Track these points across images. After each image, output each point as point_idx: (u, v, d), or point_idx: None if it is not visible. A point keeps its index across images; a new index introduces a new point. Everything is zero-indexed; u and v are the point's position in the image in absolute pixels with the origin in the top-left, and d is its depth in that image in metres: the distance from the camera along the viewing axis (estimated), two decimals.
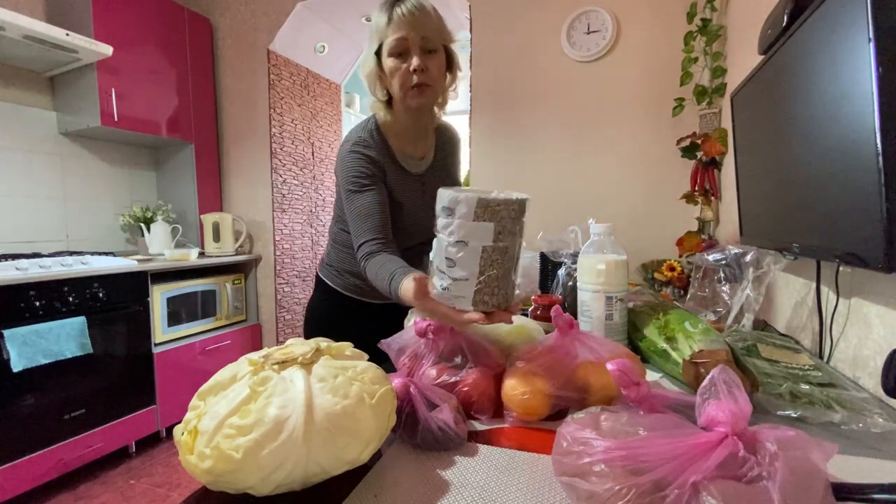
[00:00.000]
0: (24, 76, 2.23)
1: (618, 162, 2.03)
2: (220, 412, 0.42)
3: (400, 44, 0.91)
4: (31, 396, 1.74)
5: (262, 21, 2.73)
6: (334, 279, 1.15)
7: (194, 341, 2.41)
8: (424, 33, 0.91)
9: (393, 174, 1.03)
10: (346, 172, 0.99)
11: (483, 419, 0.60)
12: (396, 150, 1.04)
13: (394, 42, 0.91)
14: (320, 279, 1.19)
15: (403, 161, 1.05)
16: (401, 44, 0.91)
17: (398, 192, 1.04)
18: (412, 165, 1.07)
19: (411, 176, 1.07)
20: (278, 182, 2.88)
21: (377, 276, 0.89)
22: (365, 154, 0.99)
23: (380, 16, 0.93)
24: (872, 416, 0.55)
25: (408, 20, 0.90)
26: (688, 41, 1.71)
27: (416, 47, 0.91)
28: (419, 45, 0.91)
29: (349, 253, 1.05)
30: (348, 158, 0.99)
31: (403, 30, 0.90)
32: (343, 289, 1.14)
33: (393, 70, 0.93)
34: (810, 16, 0.71)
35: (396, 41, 0.91)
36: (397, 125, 1.04)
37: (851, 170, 0.60)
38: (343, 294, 1.14)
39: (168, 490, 1.87)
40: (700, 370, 0.64)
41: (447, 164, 1.16)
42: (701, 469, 0.32)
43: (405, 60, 0.92)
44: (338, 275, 1.15)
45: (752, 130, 1.08)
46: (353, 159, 0.98)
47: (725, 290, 0.98)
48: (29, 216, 2.25)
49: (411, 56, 0.92)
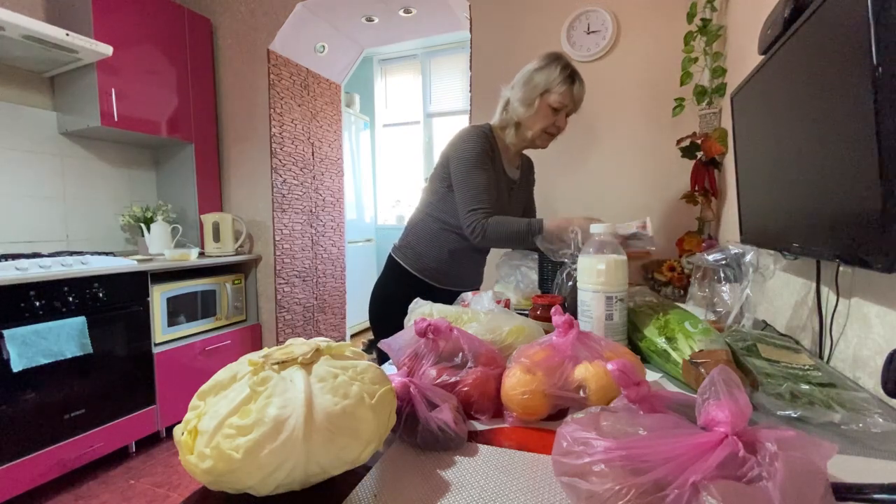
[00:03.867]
0: (24, 76, 2.23)
1: (618, 162, 2.03)
2: (221, 412, 0.42)
3: (562, 106, 1.23)
4: (32, 396, 1.74)
5: (262, 21, 2.73)
6: (412, 262, 1.33)
7: (194, 341, 2.41)
8: (575, 108, 1.27)
9: (497, 166, 1.29)
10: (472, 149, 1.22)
11: (483, 419, 0.60)
12: (502, 151, 1.32)
13: (559, 103, 1.22)
14: (395, 262, 1.36)
15: (504, 162, 1.33)
16: (562, 106, 1.23)
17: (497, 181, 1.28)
18: (509, 170, 1.35)
19: (506, 177, 1.33)
20: (278, 182, 2.88)
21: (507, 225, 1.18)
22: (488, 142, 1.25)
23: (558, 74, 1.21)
24: (872, 416, 0.55)
25: (577, 96, 1.24)
26: (688, 41, 1.71)
27: (565, 112, 1.26)
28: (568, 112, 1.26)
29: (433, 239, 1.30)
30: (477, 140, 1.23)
31: (569, 101, 1.24)
32: (417, 271, 1.32)
33: (545, 116, 1.24)
34: (810, 16, 0.71)
35: (561, 104, 1.23)
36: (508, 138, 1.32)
37: (851, 169, 0.60)
38: (414, 275, 1.32)
39: (168, 490, 1.87)
40: (700, 370, 0.64)
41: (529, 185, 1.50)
42: (701, 469, 0.32)
43: (556, 115, 1.25)
44: (417, 258, 1.33)
45: (752, 130, 1.08)
46: (481, 142, 1.23)
47: (725, 290, 0.98)
48: (29, 216, 2.25)
49: (560, 114, 1.25)
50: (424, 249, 1.31)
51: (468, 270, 1.38)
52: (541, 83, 1.22)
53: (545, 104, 1.23)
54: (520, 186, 1.40)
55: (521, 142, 1.31)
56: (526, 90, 1.24)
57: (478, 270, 1.45)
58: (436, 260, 1.31)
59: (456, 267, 1.33)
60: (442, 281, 1.33)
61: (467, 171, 1.21)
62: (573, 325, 0.62)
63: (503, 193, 1.31)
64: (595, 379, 0.57)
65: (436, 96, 4.19)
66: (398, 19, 2.97)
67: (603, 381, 0.57)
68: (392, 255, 1.38)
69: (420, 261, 1.32)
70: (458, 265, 1.33)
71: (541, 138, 1.27)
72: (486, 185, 1.21)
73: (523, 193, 1.41)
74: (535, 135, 1.26)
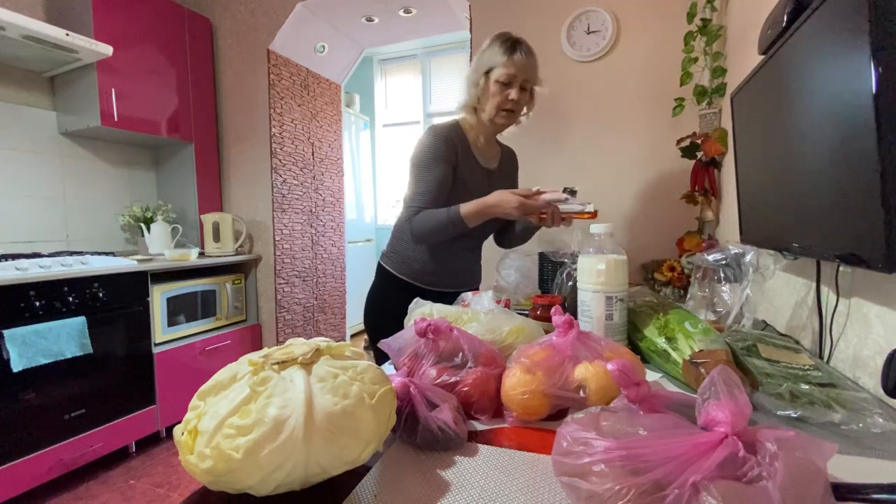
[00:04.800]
0: (24, 76, 2.23)
1: (617, 162, 2.03)
2: (221, 412, 0.42)
3: (509, 77, 1.18)
4: (31, 396, 1.74)
5: (262, 21, 2.73)
6: (397, 266, 1.32)
7: (194, 341, 2.41)
8: (527, 76, 1.21)
9: (465, 159, 1.26)
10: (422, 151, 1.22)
11: (483, 419, 0.60)
12: (472, 143, 1.29)
13: (505, 75, 1.18)
14: (382, 267, 1.35)
15: (476, 154, 1.29)
16: (509, 78, 1.19)
17: (468, 175, 1.26)
18: (483, 160, 1.31)
19: (481, 167, 1.31)
20: (278, 182, 2.88)
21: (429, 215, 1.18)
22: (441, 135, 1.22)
23: (498, 48, 1.19)
24: (872, 416, 0.55)
25: (523, 63, 1.18)
26: (688, 41, 1.71)
27: (518, 84, 1.20)
28: (520, 83, 1.20)
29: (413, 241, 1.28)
30: (430, 139, 1.21)
31: (516, 69, 1.18)
32: (404, 275, 1.31)
33: (495, 93, 1.20)
34: (810, 16, 0.71)
35: (507, 75, 1.18)
36: (476, 128, 1.29)
37: (851, 170, 0.60)
38: (403, 280, 1.30)
39: (168, 490, 1.87)
40: (700, 370, 0.64)
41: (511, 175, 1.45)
42: (701, 469, 0.32)
43: (506, 89, 1.20)
44: (399, 262, 1.31)
45: (752, 130, 1.08)
46: (435, 141, 1.21)
47: (725, 290, 0.98)
48: (29, 216, 2.25)
49: (512, 88, 1.20)
50: (408, 253, 1.30)
51: (457, 269, 1.34)
52: (484, 62, 1.21)
53: (491, 81, 1.20)
54: (500, 177, 1.36)
55: (484, 126, 1.28)
56: (473, 73, 1.24)
57: (469, 269, 1.40)
58: (419, 261, 1.29)
59: (442, 266, 1.30)
60: (431, 282, 1.31)
61: (415, 173, 1.23)
62: (573, 325, 0.62)
63: (480, 185, 1.27)
64: (595, 379, 0.57)
65: (436, 96, 4.19)
66: (398, 19, 2.97)
67: (603, 381, 0.57)
68: (380, 262, 1.37)
69: (406, 264, 1.30)
70: (443, 264, 1.30)
71: (499, 116, 1.22)
72: (430, 185, 1.20)
73: (505, 184, 1.35)
74: (492, 114, 1.22)
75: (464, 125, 1.28)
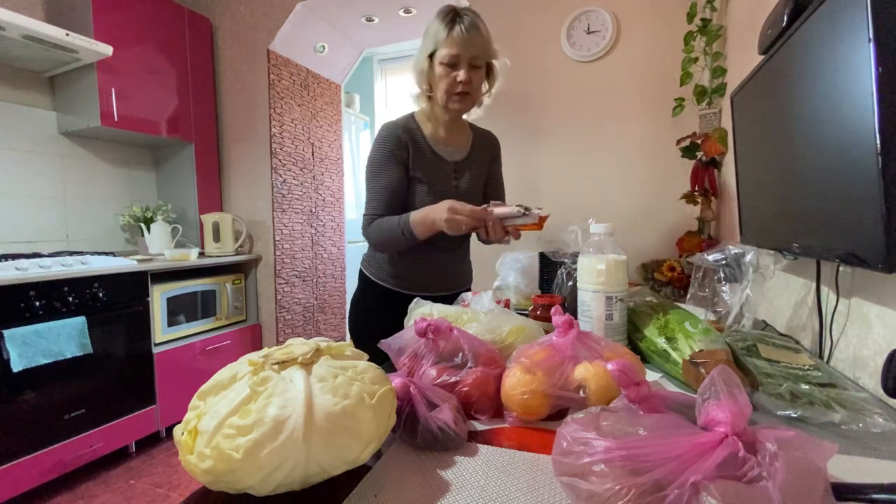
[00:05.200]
0: (24, 76, 2.23)
1: (618, 162, 2.03)
2: (220, 412, 0.42)
3: (453, 58, 1.06)
4: (31, 396, 1.74)
5: (262, 21, 2.73)
6: (372, 270, 1.26)
7: (194, 341, 2.41)
8: (474, 53, 1.07)
9: (423, 155, 1.16)
10: (372, 155, 1.15)
11: (483, 419, 0.60)
12: (430, 136, 1.18)
13: (447, 56, 1.06)
14: (363, 274, 1.29)
15: (436, 146, 1.18)
16: (453, 59, 1.06)
17: (427, 172, 1.16)
18: (446, 153, 1.20)
19: (444, 161, 1.19)
20: (278, 182, 2.88)
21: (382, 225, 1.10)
22: (389, 135, 1.13)
23: (438, 25, 1.07)
24: (872, 416, 0.55)
25: (464, 39, 1.05)
26: (688, 41, 1.71)
27: (466, 63, 1.07)
28: (468, 61, 1.07)
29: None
30: (379, 143, 1.14)
31: (458, 48, 1.05)
32: (378, 279, 1.24)
33: (442, 76, 1.08)
34: (810, 16, 0.71)
35: (450, 56, 1.06)
36: (433, 117, 1.18)
37: (851, 170, 0.60)
38: (378, 284, 1.24)
39: (168, 490, 1.87)
40: (700, 370, 0.64)
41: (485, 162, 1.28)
42: (701, 469, 0.32)
43: (454, 71, 1.07)
44: (375, 266, 1.25)
45: (752, 130, 1.08)
46: (382, 143, 1.13)
47: (725, 290, 0.98)
48: (29, 216, 2.25)
49: (460, 69, 1.07)
50: (381, 258, 1.24)
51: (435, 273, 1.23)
52: (427, 44, 1.10)
53: (436, 64, 1.08)
54: (470, 167, 1.23)
55: (441, 115, 1.17)
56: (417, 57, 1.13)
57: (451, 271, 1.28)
58: (393, 266, 1.22)
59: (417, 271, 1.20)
60: (408, 287, 1.20)
61: (367, 178, 1.16)
62: (573, 325, 0.62)
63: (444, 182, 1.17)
64: (595, 379, 0.57)
65: None
66: (398, 19, 2.97)
67: (603, 381, 0.57)
68: (361, 267, 1.31)
69: (381, 269, 1.23)
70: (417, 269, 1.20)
71: (451, 101, 1.11)
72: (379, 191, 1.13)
73: (477, 172, 1.24)
74: (444, 99, 1.11)
75: (419, 117, 1.19)
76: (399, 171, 1.13)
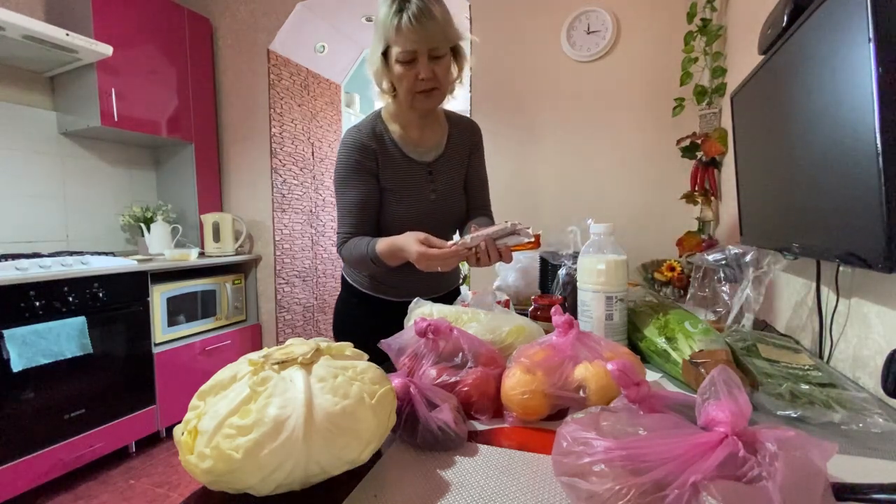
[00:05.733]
0: (24, 76, 2.23)
1: (618, 162, 2.03)
2: (220, 412, 0.42)
3: (408, 55, 0.92)
4: (31, 396, 1.74)
5: (262, 21, 2.73)
6: (353, 276, 1.19)
7: (194, 341, 2.41)
8: (432, 45, 0.92)
9: (393, 162, 1.05)
10: (337, 168, 1.05)
11: (483, 419, 0.60)
12: (399, 138, 1.06)
13: (402, 53, 0.92)
14: (345, 280, 1.22)
15: (406, 148, 1.07)
16: (409, 55, 0.92)
17: (398, 181, 1.05)
18: (418, 154, 1.08)
19: (417, 164, 1.07)
20: (278, 182, 2.88)
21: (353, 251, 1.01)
22: (354, 143, 1.03)
23: (386, 17, 0.90)
24: (872, 416, 0.55)
25: (416, 32, 0.89)
26: (688, 41, 1.71)
27: (424, 57, 0.93)
28: (427, 54, 0.93)
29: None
30: (343, 153, 1.04)
31: (411, 43, 0.90)
32: (359, 285, 1.17)
33: (401, 76, 0.95)
34: (810, 16, 0.71)
35: (405, 53, 0.92)
36: (401, 115, 1.06)
37: (851, 170, 0.60)
38: (360, 290, 1.17)
39: (168, 490, 1.87)
40: (700, 370, 0.64)
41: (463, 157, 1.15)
42: (701, 469, 0.32)
43: (413, 67, 0.93)
44: (355, 272, 1.18)
45: (752, 130, 1.08)
46: (346, 153, 1.03)
47: (725, 290, 0.98)
48: (29, 216, 2.25)
49: (419, 64, 0.93)
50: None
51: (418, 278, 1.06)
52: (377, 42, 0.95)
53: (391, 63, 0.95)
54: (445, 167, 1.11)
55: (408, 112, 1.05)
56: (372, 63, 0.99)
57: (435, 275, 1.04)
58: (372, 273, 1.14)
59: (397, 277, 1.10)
60: (391, 293, 1.13)
61: (335, 193, 1.06)
62: (573, 325, 0.62)
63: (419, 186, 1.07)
64: (595, 379, 0.57)
65: None
66: None
67: (603, 381, 0.57)
68: (342, 272, 1.23)
69: (361, 274, 1.16)
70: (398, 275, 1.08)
71: (416, 101, 0.98)
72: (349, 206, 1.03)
73: (456, 171, 1.12)
74: (408, 100, 0.98)
75: (386, 116, 1.07)
76: (368, 182, 1.02)
